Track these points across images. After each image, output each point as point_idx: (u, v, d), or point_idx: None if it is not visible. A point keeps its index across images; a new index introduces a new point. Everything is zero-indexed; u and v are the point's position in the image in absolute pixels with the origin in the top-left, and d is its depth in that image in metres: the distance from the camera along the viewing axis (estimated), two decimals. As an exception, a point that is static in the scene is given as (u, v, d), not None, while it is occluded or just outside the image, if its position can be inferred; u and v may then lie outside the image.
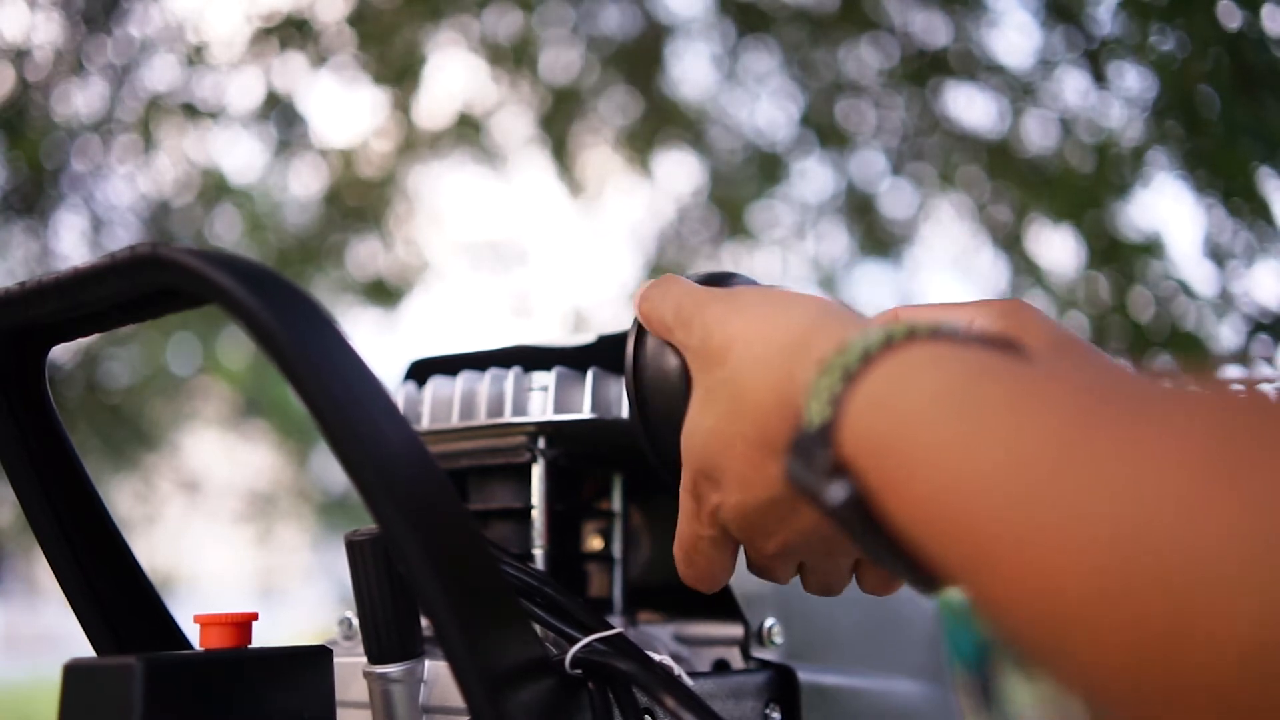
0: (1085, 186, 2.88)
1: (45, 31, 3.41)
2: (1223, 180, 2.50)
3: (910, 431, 0.30)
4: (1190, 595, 0.22)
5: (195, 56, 3.54)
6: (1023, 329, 0.45)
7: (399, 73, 3.75)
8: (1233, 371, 2.52)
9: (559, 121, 3.92)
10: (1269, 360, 2.52)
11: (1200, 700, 0.22)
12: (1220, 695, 0.22)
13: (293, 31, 3.52)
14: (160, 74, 3.61)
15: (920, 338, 0.32)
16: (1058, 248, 3.33)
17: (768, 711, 0.53)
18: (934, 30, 3.28)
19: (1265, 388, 0.25)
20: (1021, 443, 0.27)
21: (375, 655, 0.45)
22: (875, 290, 4.34)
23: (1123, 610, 0.23)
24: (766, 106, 3.84)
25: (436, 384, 0.60)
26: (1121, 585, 0.23)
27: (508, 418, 0.57)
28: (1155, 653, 0.23)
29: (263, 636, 0.47)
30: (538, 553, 0.57)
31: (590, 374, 0.56)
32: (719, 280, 0.51)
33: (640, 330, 0.50)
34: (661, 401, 0.47)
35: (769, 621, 0.56)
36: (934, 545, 0.29)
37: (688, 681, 0.43)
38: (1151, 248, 2.90)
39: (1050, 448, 0.26)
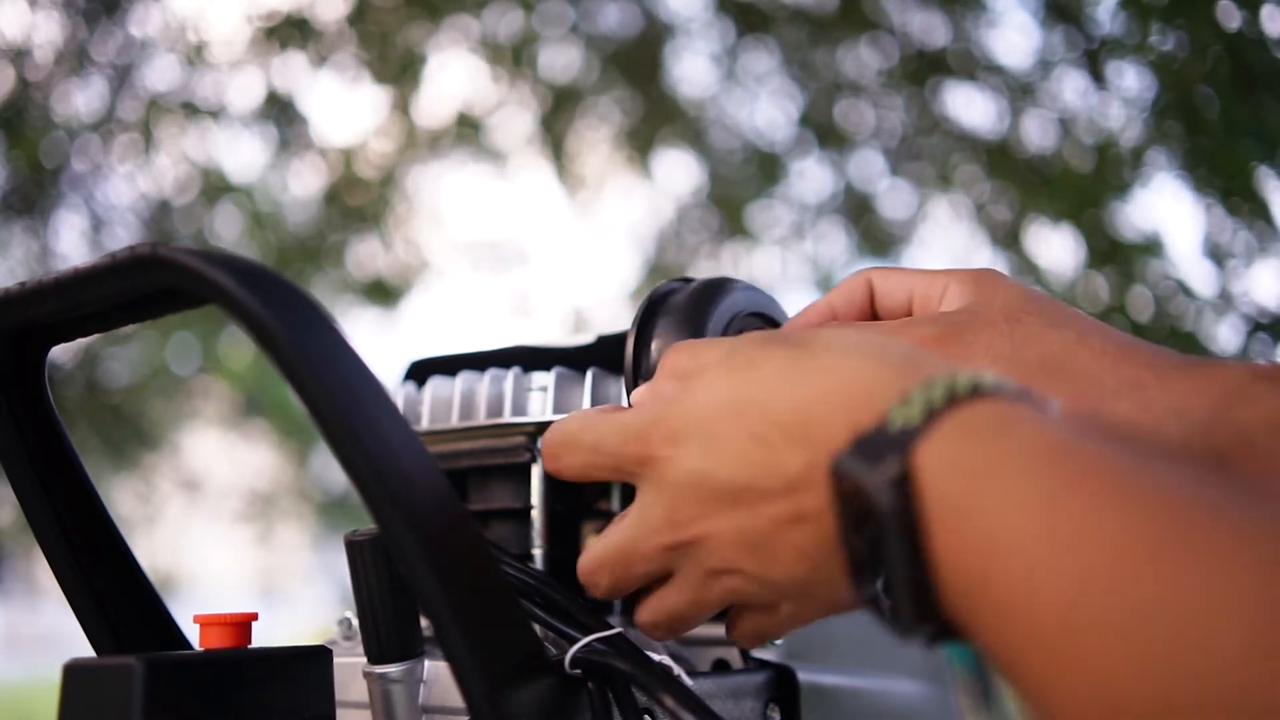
0: (1085, 186, 2.87)
1: (45, 31, 3.41)
2: (1222, 180, 2.50)
3: (978, 489, 0.29)
4: None
5: (195, 56, 3.54)
6: (992, 295, 0.46)
7: (399, 72, 3.75)
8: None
9: (559, 121, 3.93)
10: (1269, 360, 2.52)
11: None
12: None
13: (293, 31, 3.52)
14: (160, 74, 3.61)
15: (986, 395, 0.32)
16: (1057, 247, 3.32)
17: (767, 712, 0.53)
18: (933, 30, 3.28)
19: None
20: (1096, 533, 0.26)
21: (375, 655, 0.45)
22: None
23: None
24: (766, 106, 3.84)
25: (436, 384, 0.60)
26: (1186, 704, 0.22)
27: (507, 418, 0.57)
28: None
29: (263, 636, 0.47)
30: (537, 553, 0.57)
31: (589, 374, 0.57)
32: (718, 288, 0.51)
33: (640, 332, 0.50)
34: None
35: (768, 621, 0.56)
36: (967, 597, 0.29)
37: (687, 681, 0.43)
38: (1151, 247, 2.90)
39: (1133, 550, 0.25)
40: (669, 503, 0.40)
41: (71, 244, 3.79)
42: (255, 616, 0.47)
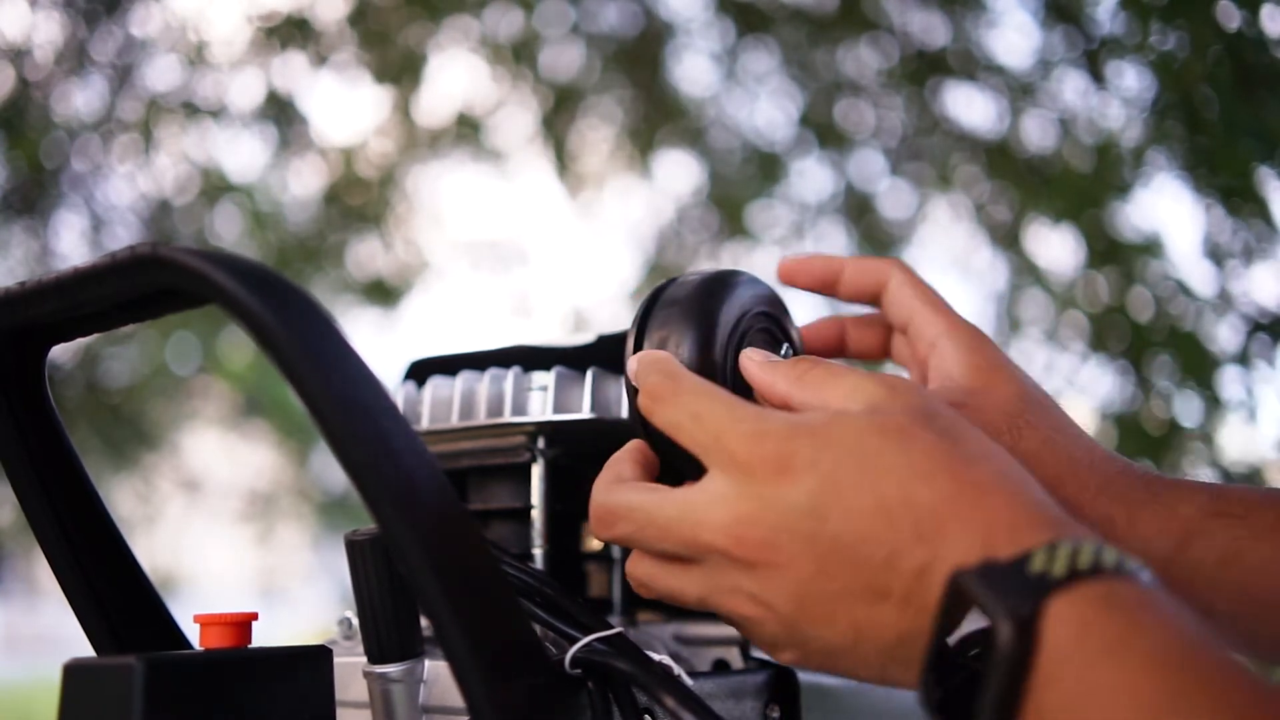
0: (1085, 186, 2.87)
1: (45, 31, 3.41)
2: (1222, 180, 2.50)
3: (1100, 668, 0.30)
4: None
5: (195, 56, 3.54)
6: (991, 386, 0.47)
7: (399, 72, 3.75)
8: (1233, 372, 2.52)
9: (559, 121, 3.93)
10: (1268, 360, 2.52)
11: None
12: None
13: (293, 31, 3.52)
14: (160, 74, 3.61)
15: (1126, 575, 0.32)
16: (1057, 247, 3.32)
17: (767, 711, 0.53)
18: (933, 30, 3.28)
19: None
20: None
21: (375, 655, 0.45)
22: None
23: None
24: (766, 106, 3.84)
25: (436, 384, 0.60)
26: None
27: (507, 418, 0.57)
28: None
29: (263, 636, 0.47)
30: (537, 553, 0.57)
31: (590, 374, 0.57)
32: (724, 284, 0.51)
33: (640, 330, 0.50)
34: None
35: (768, 621, 0.56)
36: None
37: (687, 681, 0.43)
38: (1151, 248, 2.90)
39: None
40: (742, 514, 0.38)
41: (71, 244, 3.79)
42: (255, 616, 0.47)
